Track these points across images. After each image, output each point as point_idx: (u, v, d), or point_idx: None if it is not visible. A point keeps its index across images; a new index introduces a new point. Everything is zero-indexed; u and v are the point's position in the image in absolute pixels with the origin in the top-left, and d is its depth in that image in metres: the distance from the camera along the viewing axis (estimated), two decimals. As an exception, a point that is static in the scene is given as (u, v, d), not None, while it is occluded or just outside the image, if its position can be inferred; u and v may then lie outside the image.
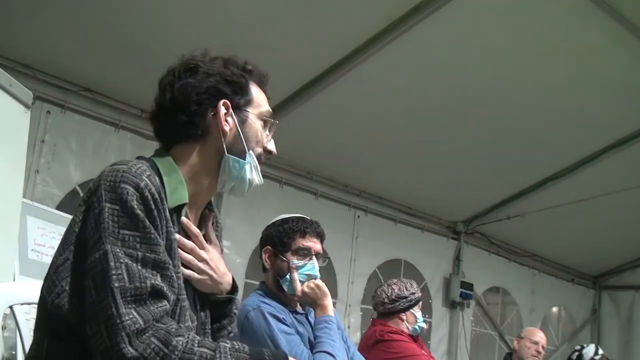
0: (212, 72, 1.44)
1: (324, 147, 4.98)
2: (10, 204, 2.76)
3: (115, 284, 1.20)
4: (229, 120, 1.44)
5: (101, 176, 1.30)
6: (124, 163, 1.32)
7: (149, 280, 1.23)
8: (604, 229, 6.55)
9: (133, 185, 1.27)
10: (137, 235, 1.25)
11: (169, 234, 1.33)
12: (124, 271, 1.21)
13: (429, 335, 6.22)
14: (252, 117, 1.47)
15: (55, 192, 3.96)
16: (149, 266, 1.25)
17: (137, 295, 1.21)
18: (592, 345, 4.94)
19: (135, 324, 1.19)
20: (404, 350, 3.21)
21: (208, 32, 3.63)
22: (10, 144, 2.76)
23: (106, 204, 1.25)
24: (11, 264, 2.86)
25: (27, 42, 3.67)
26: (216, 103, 1.43)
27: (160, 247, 1.28)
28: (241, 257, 4.88)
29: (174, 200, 1.37)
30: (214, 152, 1.44)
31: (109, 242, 1.23)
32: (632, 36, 4.20)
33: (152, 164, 1.38)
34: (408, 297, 3.35)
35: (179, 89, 1.42)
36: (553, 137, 5.23)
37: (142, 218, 1.26)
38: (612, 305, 8.02)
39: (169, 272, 1.28)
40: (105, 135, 4.20)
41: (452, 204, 6.15)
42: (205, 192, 1.49)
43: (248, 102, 1.48)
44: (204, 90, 1.42)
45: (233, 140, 1.45)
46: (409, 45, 4.06)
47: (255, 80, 1.51)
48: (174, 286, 1.30)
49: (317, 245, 2.43)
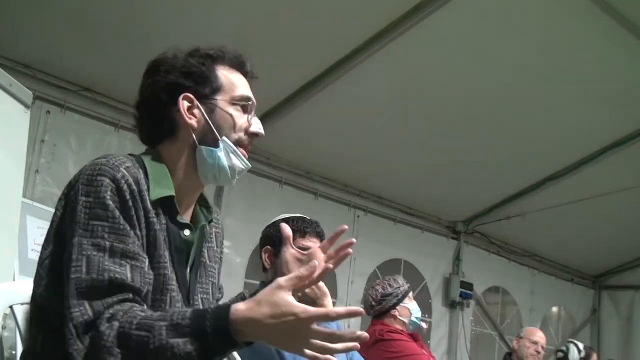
0: (172, 68, 1.44)
1: (324, 147, 4.98)
2: (10, 204, 2.76)
3: (73, 275, 1.21)
4: (196, 112, 1.43)
5: (81, 171, 1.32)
6: (104, 157, 1.33)
7: (108, 274, 1.22)
8: (604, 229, 6.55)
9: (109, 176, 1.28)
10: (106, 225, 1.25)
11: (151, 225, 1.33)
12: (84, 263, 1.22)
13: (429, 335, 6.22)
14: (221, 104, 1.45)
15: (55, 192, 3.95)
16: (117, 256, 1.24)
17: (93, 287, 1.20)
18: (573, 346, 4.92)
19: (84, 315, 1.18)
20: (403, 350, 3.21)
21: (208, 33, 3.63)
22: (10, 144, 2.76)
23: (81, 198, 1.27)
24: (11, 264, 2.85)
25: (27, 42, 3.67)
26: (177, 99, 1.43)
27: (131, 239, 1.27)
28: (241, 257, 4.88)
29: (158, 192, 1.37)
30: (189, 146, 1.44)
31: (77, 235, 1.24)
32: (632, 36, 4.20)
33: (138, 159, 1.39)
34: (393, 293, 3.37)
35: (141, 91, 1.46)
36: (553, 137, 5.23)
37: (112, 209, 1.26)
38: (612, 305, 8.02)
39: (139, 263, 1.27)
40: (105, 135, 4.20)
41: (452, 204, 6.14)
42: (192, 187, 1.48)
43: (215, 89, 1.45)
44: (163, 88, 1.43)
45: (203, 131, 1.43)
46: (408, 45, 4.06)
47: (227, 64, 1.49)
48: (147, 277, 1.28)
49: (317, 246, 2.43)
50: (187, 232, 1.43)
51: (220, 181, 1.48)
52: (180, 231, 1.42)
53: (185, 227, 1.43)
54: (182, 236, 1.42)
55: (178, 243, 1.41)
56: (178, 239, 1.41)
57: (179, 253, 1.41)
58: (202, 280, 1.50)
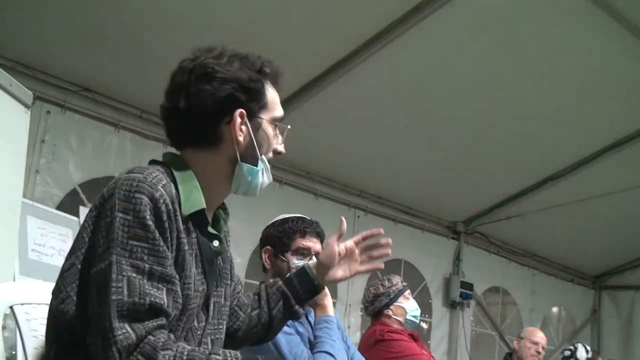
0: (229, 77, 1.39)
1: (324, 147, 4.98)
2: (10, 204, 2.76)
3: (114, 297, 1.19)
4: (243, 128, 1.41)
5: (116, 184, 1.28)
6: (140, 171, 1.29)
7: (149, 298, 1.21)
8: (604, 229, 6.55)
9: (148, 195, 1.25)
10: (145, 247, 1.23)
11: (180, 245, 1.31)
12: (125, 285, 1.20)
13: (429, 335, 6.23)
14: (264, 123, 1.45)
15: (55, 192, 3.96)
16: (155, 279, 1.23)
17: (134, 310, 1.20)
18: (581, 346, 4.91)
19: (127, 339, 1.18)
20: (403, 350, 3.21)
21: (208, 33, 3.63)
22: (10, 144, 2.76)
23: (118, 214, 1.23)
24: (11, 264, 2.86)
25: (27, 42, 3.67)
26: (232, 112, 1.39)
27: (168, 261, 1.26)
28: (241, 257, 4.88)
29: (189, 207, 1.35)
30: (227, 159, 1.42)
31: (115, 253, 1.21)
32: (632, 36, 4.20)
33: (167, 171, 1.36)
34: (385, 293, 3.36)
35: (195, 96, 1.38)
36: (553, 137, 5.23)
37: (152, 229, 1.24)
38: (612, 305, 8.02)
39: (174, 287, 1.26)
40: (105, 135, 4.19)
41: (452, 204, 6.15)
42: (219, 195, 1.49)
43: (262, 107, 1.45)
44: (221, 99, 1.38)
45: (246, 148, 1.42)
46: (409, 45, 4.07)
47: (270, 80, 1.49)
48: (178, 301, 1.28)
49: (317, 245, 2.43)
50: (216, 243, 1.44)
51: (248, 194, 1.50)
52: (210, 242, 1.42)
53: (215, 238, 1.44)
54: (212, 247, 1.42)
55: (209, 255, 1.41)
56: (209, 251, 1.41)
57: (210, 265, 1.42)
58: (217, 282, 1.50)
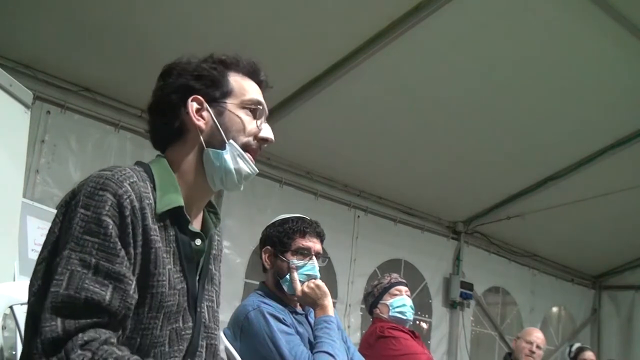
0: (184, 71, 1.45)
1: (324, 147, 4.98)
2: (10, 204, 2.75)
3: (52, 289, 1.19)
4: (204, 114, 1.43)
5: (86, 181, 1.30)
6: (110, 169, 1.31)
7: (85, 293, 1.19)
8: (604, 229, 6.56)
9: (112, 192, 1.26)
10: (96, 242, 1.23)
11: (150, 242, 1.31)
12: (66, 278, 1.20)
13: (429, 335, 6.23)
14: (231, 107, 1.45)
15: (55, 192, 3.96)
16: (101, 275, 1.22)
17: (69, 303, 1.18)
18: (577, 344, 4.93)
19: (52, 332, 1.16)
20: (403, 348, 3.22)
21: (208, 33, 3.64)
22: (10, 144, 2.75)
23: (80, 210, 1.25)
24: (11, 264, 2.85)
25: (27, 42, 3.67)
26: (187, 100, 1.43)
27: (119, 258, 1.24)
28: (241, 257, 4.88)
29: (163, 204, 1.35)
30: (197, 149, 1.44)
31: (69, 248, 1.22)
32: (632, 36, 4.20)
33: (146, 169, 1.39)
34: (371, 292, 3.38)
35: (154, 93, 1.47)
36: (553, 137, 5.23)
37: (105, 225, 1.24)
38: (612, 305, 8.03)
39: (123, 285, 1.24)
40: (105, 135, 4.20)
41: (452, 204, 6.15)
42: (202, 192, 1.47)
43: (225, 93, 1.46)
44: (174, 89, 1.44)
45: (211, 133, 1.43)
46: (408, 45, 4.07)
47: (241, 71, 1.50)
48: (128, 300, 1.25)
49: (317, 245, 2.44)
50: (198, 242, 1.43)
51: (227, 185, 1.47)
52: (191, 241, 1.42)
53: (197, 237, 1.43)
54: (193, 245, 1.42)
55: (188, 252, 1.41)
56: (188, 248, 1.41)
57: (189, 262, 1.41)
58: (208, 287, 1.51)
